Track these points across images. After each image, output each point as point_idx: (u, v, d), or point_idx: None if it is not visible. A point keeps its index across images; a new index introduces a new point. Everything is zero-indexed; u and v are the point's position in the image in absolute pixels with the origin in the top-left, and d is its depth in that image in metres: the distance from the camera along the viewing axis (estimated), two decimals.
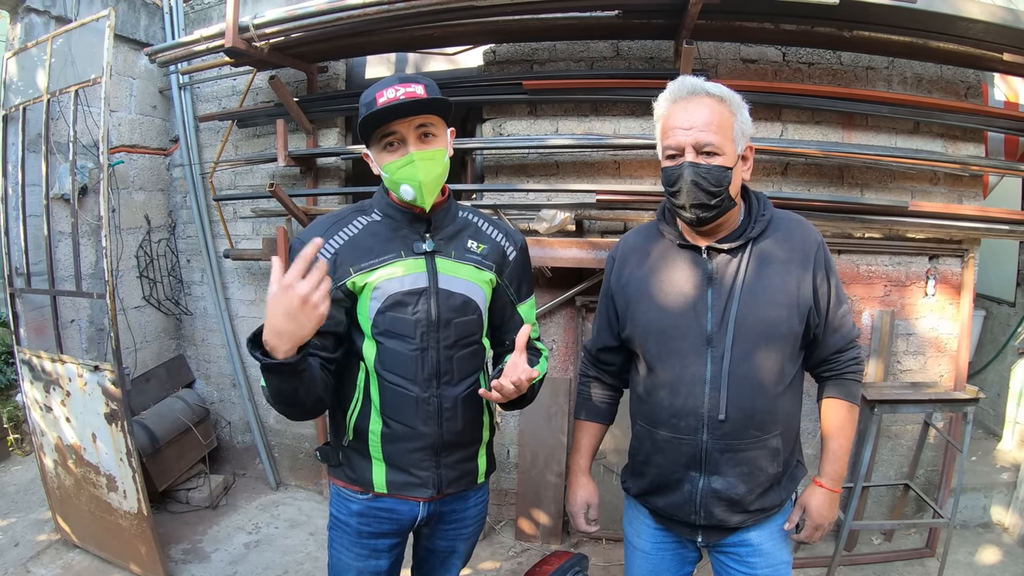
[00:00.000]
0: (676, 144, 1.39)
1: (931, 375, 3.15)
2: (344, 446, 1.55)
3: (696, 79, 1.44)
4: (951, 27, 2.58)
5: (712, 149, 1.37)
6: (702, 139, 1.36)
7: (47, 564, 2.97)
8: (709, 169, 1.36)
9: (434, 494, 1.54)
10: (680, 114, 1.40)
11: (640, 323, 1.51)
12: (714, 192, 1.37)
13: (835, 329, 1.51)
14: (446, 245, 1.52)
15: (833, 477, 1.52)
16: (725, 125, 1.39)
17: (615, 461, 3.16)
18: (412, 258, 1.48)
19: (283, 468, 4.00)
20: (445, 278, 1.49)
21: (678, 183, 1.38)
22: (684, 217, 1.43)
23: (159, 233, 4.04)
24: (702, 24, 2.62)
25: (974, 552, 3.07)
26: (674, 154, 1.40)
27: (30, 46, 3.00)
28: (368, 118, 1.39)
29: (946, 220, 2.90)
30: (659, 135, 1.47)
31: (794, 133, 3.04)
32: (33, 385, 2.95)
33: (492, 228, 1.62)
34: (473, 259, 1.54)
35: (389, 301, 1.45)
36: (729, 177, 1.38)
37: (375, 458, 1.52)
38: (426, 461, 1.51)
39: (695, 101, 1.39)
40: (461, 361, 1.52)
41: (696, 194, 1.37)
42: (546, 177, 3.22)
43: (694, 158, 1.37)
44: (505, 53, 3.24)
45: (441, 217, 1.53)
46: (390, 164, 1.43)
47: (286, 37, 2.95)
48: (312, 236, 1.44)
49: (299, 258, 1.12)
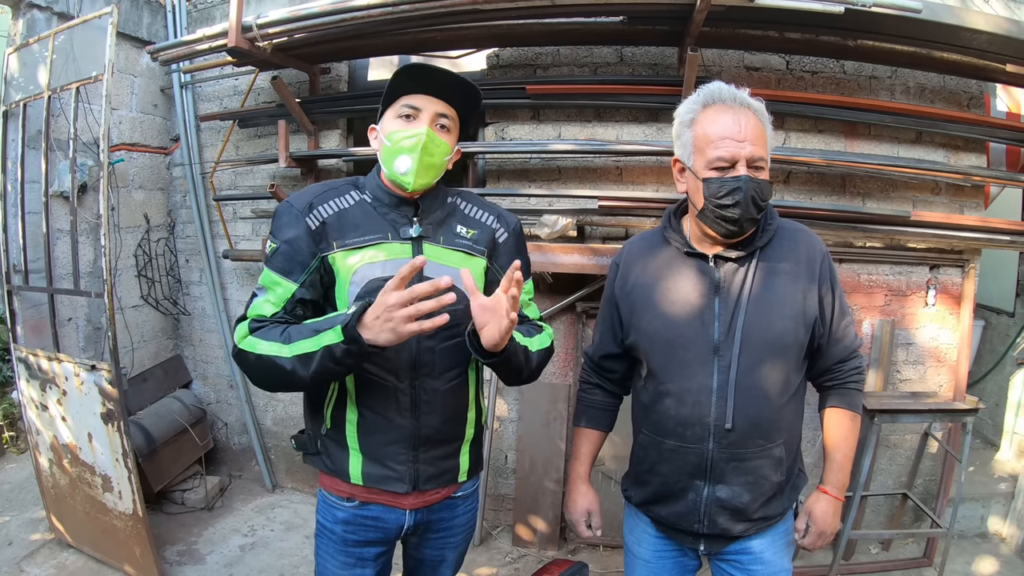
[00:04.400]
0: (731, 156, 1.36)
1: (930, 385, 3.15)
2: (322, 434, 1.51)
3: (732, 88, 1.42)
4: (955, 38, 2.58)
5: (762, 163, 1.38)
6: (756, 153, 1.36)
7: (41, 564, 2.94)
8: (760, 184, 1.37)
9: (410, 489, 1.48)
10: (728, 124, 1.37)
11: (645, 331, 1.50)
12: (762, 206, 1.39)
13: (838, 340, 1.51)
14: (434, 231, 1.48)
15: (837, 485, 1.53)
16: (764, 139, 1.40)
17: (613, 468, 3.16)
18: (398, 242, 1.44)
19: (279, 470, 3.98)
20: (432, 265, 1.44)
21: (734, 196, 1.35)
22: (726, 229, 1.40)
23: (158, 232, 4.03)
24: (707, 31, 2.62)
25: (971, 562, 3.07)
26: (724, 166, 1.37)
27: (32, 42, 2.99)
28: (406, 70, 1.38)
29: (947, 230, 2.90)
30: (691, 140, 1.43)
31: (797, 141, 3.04)
32: (29, 383, 2.93)
33: (483, 212, 1.57)
34: (463, 245, 1.50)
35: (369, 287, 1.38)
36: (771, 191, 1.41)
37: (352, 448, 1.48)
38: (403, 455, 1.46)
39: (743, 113, 1.38)
40: (443, 353, 1.46)
41: (749, 209, 1.36)
42: (548, 182, 3.21)
43: (746, 171, 1.36)
44: (509, 57, 3.23)
45: (429, 202, 1.49)
46: (397, 132, 1.41)
47: (289, 38, 2.94)
48: (302, 200, 1.45)
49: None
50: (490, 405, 3.25)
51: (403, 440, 1.46)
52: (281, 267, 1.41)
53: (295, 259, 1.40)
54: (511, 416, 3.40)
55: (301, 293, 1.40)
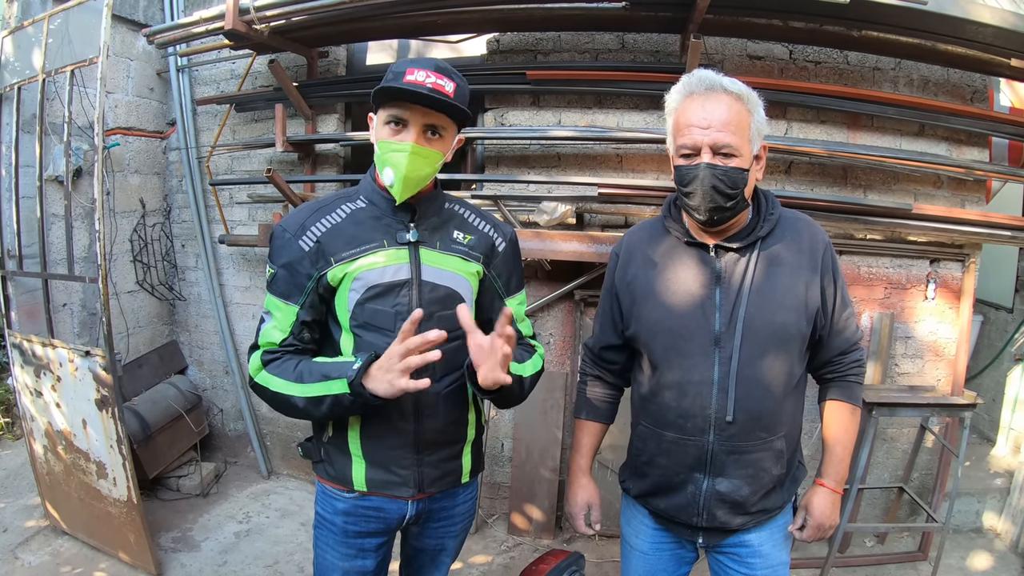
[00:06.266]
0: (692, 143, 1.34)
1: (928, 379, 3.15)
2: (324, 442, 1.51)
3: (713, 73, 1.38)
4: (960, 30, 2.56)
5: (730, 151, 1.33)
6: (720, 140, 1.32)
7: (35, 551, 2.94)
8: (726, 171, 1.33)
9: (416, 493, 1.50)
10: (697, 111, 1.34)
11: (646, 322, 1.48)
12: (730, 194, 1.34)
13: (839, 331, 1.50)
14: (431, 236, 1.47)
15: (836, 478, 1.52)
16: (742, 124, 1.35)
17: (610, 458, 3.15)
18: (395, 248, 1.43)
19: (275, 457, 3.98)
20: (429, 270, 1.44)
21: (693, 184, 1.34)
22: (696, 218, 1.40)
23: (154, 217, 3.99)
24: (710, 19, 2.59)
25: (966, 557, 3.08)
26: (689, 153, 1.36)
27: (26, 25, 2.95)
28: (385, 90, 1.33)
29: (948, 224, 2.88)
30: (671, 130, 1.42)
31: (799, 132, 3.02)
32: (23, 369, 2.91)
33: (479, 219, 1.58)
34: (459, 250, 1.50)
35: (369, 292, 1.40)
36: (745, 179, 1.35)
37: (355, 455, 1.48)
38: (406, 459, 1.47)
39: (713, 98, 1.35)
40: (443, 356, 1.45)
41: (713, 197, 1.34)
42: (547, 169, 3.19)
43: (711, 159, 1.33)
44: (509, 42, 3.20)
45: (426, 207, 1.48)
46: (386, 143, 1.38)
47: (287, 20, 2.91)
48: (294, 223, 1.44)
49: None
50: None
51: (406, 445, 1.47)
52: (281, 291, 1.44)
53: (292, 282, 1.42)
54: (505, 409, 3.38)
55: (303, 315, 1.43)
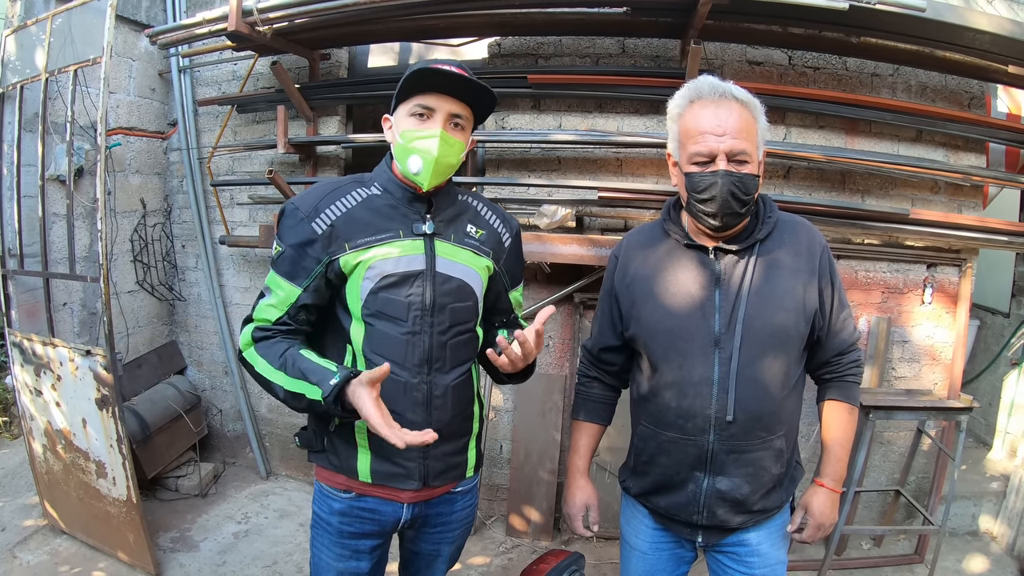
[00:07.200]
0: (708, 150, 1.35)
1: (925, 383, 3.16)
2: (330, 431, 1.50)
3: (719, 80, 1.40)
4: (958, 37, 2.58)
5: (744, 157, 1.35)
6: (736, 147, 1.34)
7: (34, 550, 2.94)
8: (742, 178, 1.35)
9: (420, 487, 1.49)
10: (709, 118, 1.36)
11: (646, 323, 1.50)
12: (745, 200, 1.36)
13: (837, 332, 1.51)
14: (446, 228, 1.49)
15: (835, 478, 1.53)
16: (752, 131, 1.37)
17: (608, 459, 3.16)
18: (410, 239, 1.43)
19: (274, 458, 3.98)
20: (443, 261, 1.45)
21: (710, 191, 1.35)
22: (709, 224, 1.40)
23: (154, 217, 4.00)
24: (710, 24, 2.61)
25: (962, 560, 3.09)
26: (704, 160, 1.37)
27: (29, 24, 2.96)
28: (420, 72, 1.35)
29: (946, 229, 2.90)
30: (677, 135, 1.43)
31: (797, 137, 3.04)
32: (23, 368, 2.92)
33: (490, 213, 1.60)
34: (472, 244, 1.51)
35: (383, 282, 1.40)
36: (757, 184, 1.38)
37: (361, 445, 1.47)
38: (413, 451, 1.44)
39: (724, 105, 1.36)
40: (454, 348, 1.48)
41: (730, 203, 1.35)
42: (548, 172, 3.21)
43: (727, 166, 1.34)
44: (510, 46, 3.22)
45: (442, 199, 1.50)
46: (411, 131, 1.39)
47: (290, 22, 2.92)
48: (308, 203, 1.43)
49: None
50: (486, 395, 3.25)
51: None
52: (286, 271, 1.42)
53: (300, 264, 1.41)
54: (506, 406, 3.40)
55: (305, 298, 1.42)
